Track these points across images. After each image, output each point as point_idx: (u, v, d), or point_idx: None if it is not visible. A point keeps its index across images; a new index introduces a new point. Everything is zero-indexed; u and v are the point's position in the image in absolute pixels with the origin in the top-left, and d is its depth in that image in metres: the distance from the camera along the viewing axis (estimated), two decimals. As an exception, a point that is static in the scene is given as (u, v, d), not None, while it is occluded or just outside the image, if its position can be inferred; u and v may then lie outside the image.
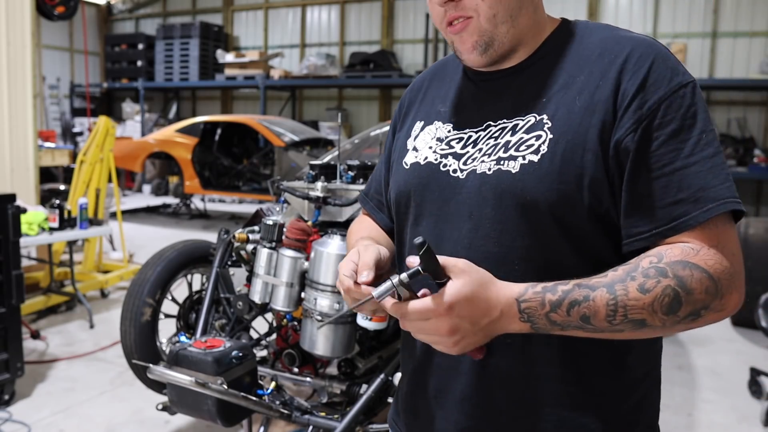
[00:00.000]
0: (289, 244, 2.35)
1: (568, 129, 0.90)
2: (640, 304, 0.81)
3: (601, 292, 0.82)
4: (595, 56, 0.94)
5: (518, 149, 0.93)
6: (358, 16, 12.79)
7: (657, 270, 0.82)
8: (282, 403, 2.21)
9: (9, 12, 4.78)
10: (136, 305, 2.89)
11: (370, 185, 1.26)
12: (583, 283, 0.84)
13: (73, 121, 13.09)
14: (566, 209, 0.89)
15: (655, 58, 0.90)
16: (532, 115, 0.94)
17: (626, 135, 0.87)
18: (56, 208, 4.28)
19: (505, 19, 0.93)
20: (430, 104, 1.10)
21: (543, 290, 0.83)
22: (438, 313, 0.80)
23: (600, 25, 1.01)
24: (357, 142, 4.55)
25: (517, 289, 0.84)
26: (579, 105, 0.91)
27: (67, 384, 3.51)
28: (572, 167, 0.89)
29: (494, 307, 0.83)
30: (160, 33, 12.89)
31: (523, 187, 0.90)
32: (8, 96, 4.78)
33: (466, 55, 0.97)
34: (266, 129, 8.81)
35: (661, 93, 0.88)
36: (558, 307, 0.83)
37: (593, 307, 0.82)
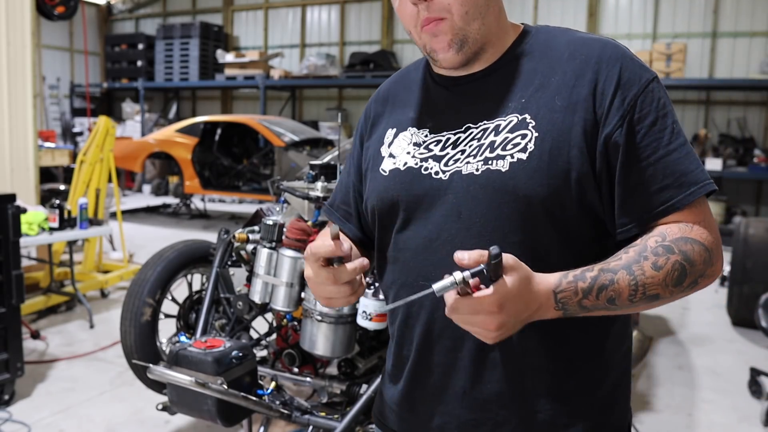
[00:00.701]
0: (289, 244, 2.35)
1: (553, 127, 0.95)
2: (655, 281, 0.90)
3: (622, 274, 0.89)
4: (566, 58, 0.99)
5: (505, 148, 0.97)
6: (358, 16, 12.79)
7: (664, 248, 0.91)
8: (282, 403, 2.21)
9: (9, 12, 4.78)
10: (136, 305, 2.89)
11: (335, 196, 1.27)
12: (605, 268, 0.90)
13: (73, 121, 13.09)
14: (556, 203, 0.95)
15: (623, 57, 0.97)
16: (514, 115, 0.98)
17: (615, 130, 0.94)
18: (56, 208, 4.28)
19: (476, 16, 0.97)
20: (400, 112, 1.12)
21: (575, 279, 0.89)
22: (489, 311, 0.84)
23: (559, 28, 1.07)
24: (357, 142, 4.55)
25: (553, 280, 0.89)
26: (559, 104, 0.96)
27: (67, 384, 3.51)
28: (560, 163, 0.94)
29: (535, 300, 0.87)
30: (160, 33, 12.90)
31: (515, 184, 0.95)
32: (8, 96, 4.78)
33: (441, 55, 1.00)
34: (266, 129, 8.81)
35: (635, 89, 0.95)
36: (589, 293, 0.89)
37: (618, 289, 0.89)
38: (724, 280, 5.84)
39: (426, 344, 1.04)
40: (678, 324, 4.89)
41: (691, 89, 10.03)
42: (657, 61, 9.22)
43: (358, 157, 1.20)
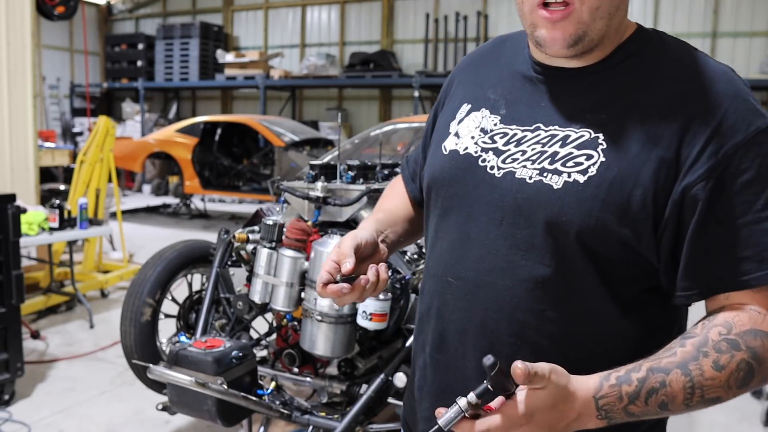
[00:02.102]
0: (289, 244, 2.35)
1: (623, 156, 0.84)
2: (716, 383, 0.78)
3: (676, 375, 0.78)
4: (669, 79, 0.87)
5: (565, 164, 0.87)
6: (358, 16, 12.79)
7: (729, 343, 0.79)
8: (282, 403, 2.21)
9: (9, 12, 4.78)
10: (136, 305, 2.89)
11: (412, 154, 1.24)
12: (655, 367, 0.79)
13: (73, 121, 13.09)
14: (598, 239, 0.85)
15: (735, 96, 0.84)
16: (587, 130, 0.88)
17: (698, 182, 0.81)
18: (56, 208, 4.27)
19: (603, 15, 0.86)
20: (480, 87, 1.03)
21: (618, 381, 0.78)
22: (516, 425, 0.74)
23: (677, 41, 0.93)
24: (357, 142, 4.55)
25: (593, 384, 0.78)
26: (640, 133, 0.85)
27: (67, 384, 3.51)
28: (618, 198, 0.84)
29: (572, 410, 0.77)
30: (160, 33, 12.89)
31: (561, 206, 0.86)
32: (8, 96, 4.77)
33: (550, 44, 0.88)
34: (266, 129, 8.81)
35: (738, 138, 0.81)
36: (636, 399, 0.78)
37: (671, 393, 0.78)
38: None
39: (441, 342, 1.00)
40: (678, 324, 4.89)
41: (691, 89, 10.02)
42: (657, 61, 9.22)
43: (431, 123, 1.14)
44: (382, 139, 4.36)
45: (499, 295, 0.91)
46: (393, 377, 2.27)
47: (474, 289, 0.94)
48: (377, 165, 2.83)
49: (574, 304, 0.88)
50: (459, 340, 0.96)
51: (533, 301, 0.89)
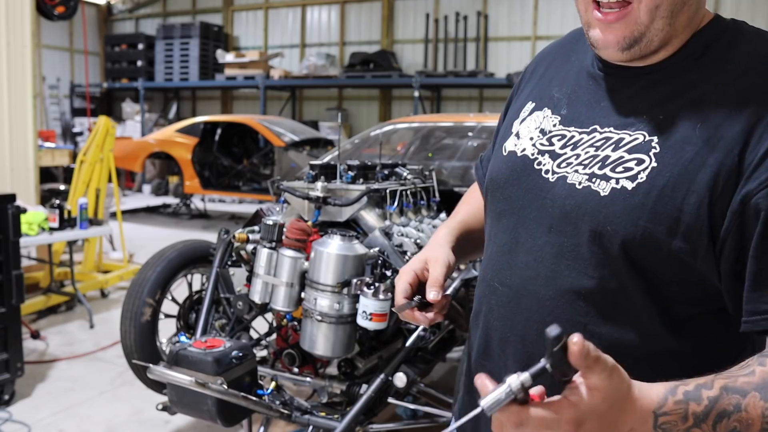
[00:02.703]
0: (289, 244, 2.35)
1: (677, 161, 0.77)
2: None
3: (753, 398, 0.67)
4: (739, 73, 0.79)
5: (614, 169, 0.81)
6: (358, 16, 12.79)
7: None
8: (282, 403, 2.21)
9: (9, 12, 4.78)
10: (136, 305, 2.89)
11: (486, 153, 1.19)
12: (729, 386, 0.68)
13: (73, 121, 13.09)
14: (646, 252, 0.78)
15: None
16: (642, 132, 0.81)
17: (759, 190, 0.73)
18: (56, 208, 4.28)
19: (664, 14, 0.80)
20: (547, 84, 0.99)
21: (685, 398, 0.68)
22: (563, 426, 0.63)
23: (758, 31, 0.83)
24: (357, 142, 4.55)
25: (656, 397, 0.68)
26: (699, 134, 0.77)
27: (67, 384, 3.51)
28: (669, 207, 0.76)
29: (625, 423, 0.66)
30: (160, 33, 12.90)
31: (607, 214, 0.80)
32: (8, 96, 4.78)
33: (602, 46, 0.84)
34: (266, 129, 8.82)
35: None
36: (703, 421, 0.67)
37: (746, 420, 0.67)
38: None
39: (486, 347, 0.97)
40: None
41: (691, 89, 10.02)
42: (657, 61, 9.22)
43: (503, 116, 1.09)
44: (382, 139, 4.36)
45: (541, 304, 0.87)
46: (393, 377, 2.27)
47: (517, 296, 0.90)
48: (377, 165, 2.83)
49: (618, 320, 0.82)
50: (501, 349, 0.93)
51: (575, 313, 0.84)
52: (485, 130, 4.24)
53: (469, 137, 4.28)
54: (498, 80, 10.48)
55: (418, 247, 2.53)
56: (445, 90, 11.92)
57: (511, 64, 11.15)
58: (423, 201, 2.87)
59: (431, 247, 1.05)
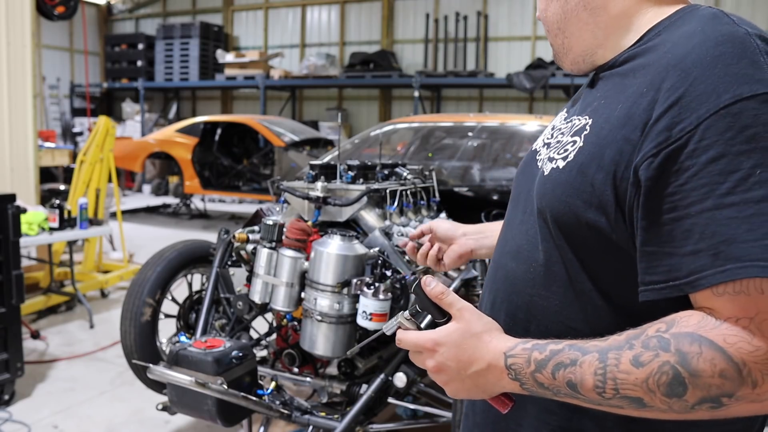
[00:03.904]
0: (289, 244, 2.35)
1: (596, 140, 0.81)
2: (631, 379, 0.70)
3: (591, 357, 0.73)
4: (660, 54, 0.79)
5: (559, 152, 0.88)
6: (358, 16, 12.79)
7: (659, 341, 0.70)
8: (282, 403, 2.21)
9: (9, 12, 4.78)
10: (136, 305, 2.89)
11: None
12: (576, 345, 0.75)
13: (73, 121, 13.09)
14: (570, 224, 0.83)
15: (715, 61, 0.71)
16: (585, 116, 0.87)
17: (644, 160, 0.73)
18: (56, 208, 4.28)
19: (556, 32, 0.97)
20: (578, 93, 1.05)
21: (532, 347, 0.78)
22: (426, 348, 0.84)
23: (708, 13, 0.80)
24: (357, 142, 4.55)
25: (509, 343, 0.81)
26: (617, 114, 0.80)
27: (67, 384, 3.51)
28: (583, 183, 0.80)
29: (481, 358, 0.81)
30: (160, 33, 12.90)
31: (543, 191, 0.88)
32: (8, 96, 4.78)
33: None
34: (266, 129, 8.82)
35: (703, 110, 0.70)
36: (543, 368, 0.76)
37: (579, 374, 0.73)
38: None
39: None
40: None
41: (691, 89, 10.02)
42: (657, 61, 9.22)
43: None
44: (382, 139, 4.36)
45: (507, 276, 0.97)
46: (393, 377, 2.27)
47: (495, 270, 1.01)
48: (377, 165, 2.83)
49: (558, 292, 0.87)
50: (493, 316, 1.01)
51: (526, 285, 0.92)
52: (485, 130, 4.24)
53: (469, 137, 4.28)
54: (498, 80, 10.48)
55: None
56: (445, 90, 11.92)
57: (511, 64, 11.15)
58: (423, 201, 2.87)
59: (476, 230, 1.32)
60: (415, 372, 2.27)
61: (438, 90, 11.73)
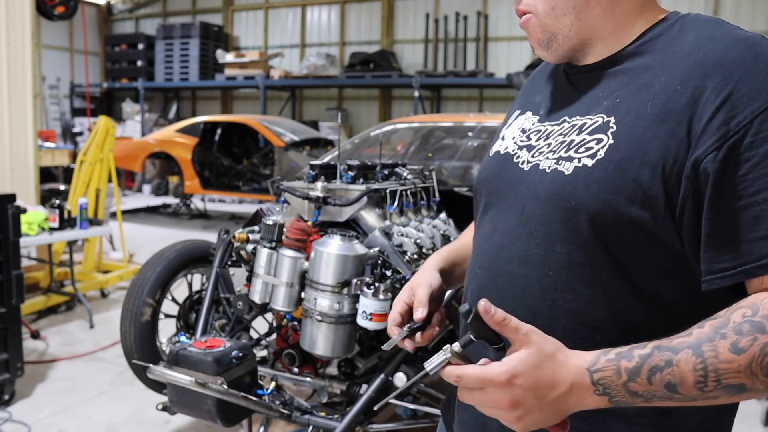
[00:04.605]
0: (289, 244, 2.35)
1: (632, 136, 0.82)
2: (734, 367, 0.71)
3: (686, 354, 0.72)
4: (683, 54, 0.83)
5: (577, 150, 0.88)
6: (358, 16, 12.79)
7: (752, 325, 0.72)
8: (282, 403, 2.21)
9: (9, 12, 4.78)
10: (136, 305, 2.89)
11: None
12: (663, 345, 0.74)
13: (73, 121, 13.09)
14: (609, 222, 0.83)
15: (754, 61, 0.78)
16: (601, 115, 0.88)
17: (707, 154, 0.77)
18: (56, 208, 4.28)
19: (566, 11, 0.90)
20: (531, 93, 1.08)
21: (617, 357, 0.74)
22: (497, 383, 0.72)
23: (710, 19, 0.88)
24: (357, 142, 4.55)
25: (589, 357, 0.75)
26: (650, 111, 0.82)
27: (67, 384, 3.51)
28: (626, 180, 0.81)
29: (562, 380, 0.74)
30: (160, 33, 12.90)
31: (571, 191, 0.85)
32: (8, 96, 4.78)
33: (535, 50, 0.96)
34: (266, 129, 8.81)
35: (755, 105, 0.76)
36: (637, 376, 0.73)
37: (678, 373, 0.72)
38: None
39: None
40: (678, 324, 4.89)
41: (691, 89, 10.02)
42: (657, 61, 9.21)
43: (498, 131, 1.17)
44: (382, 139, 4.36)
45: (515, 283, 0.92)
46: (393, 377, 2.27)
47: (493, 278, 0.96)
48: (377, 165, 2.83)
49: (586, 295, 0.86)
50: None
51: (545, 289, 0.89)
52: (485, 130, 4.24)
53: (469, 137, 4.28)
54: (498, 80, 10.48)
55: (418, 247, 2.53)
56: (445, 90, 11.92)
57: (511, 64, 11.15)
58: (423, 201, 2.87)
59: (418, 273, 1.11)
60: (415, 372, 2.26)
61: (438, 90, 11.73)
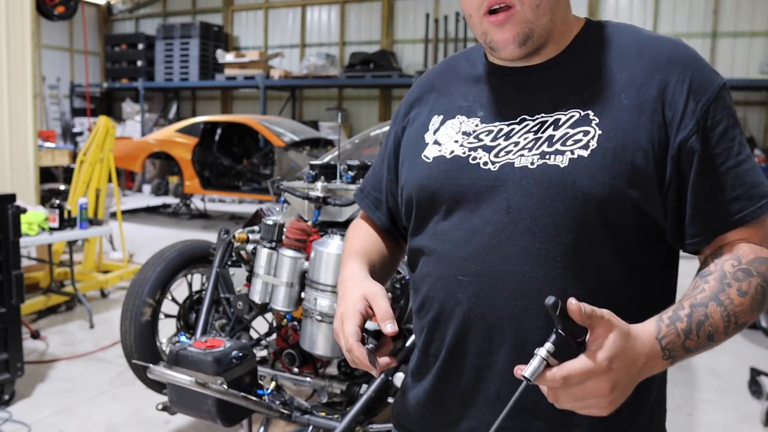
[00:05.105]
0: (289, 244, 2.35)
1: (618, 126, 0.91)
2: (744, 308, 0.85)
3: (713, 306, 0.84)
4: (633, 54, 0.95)
5: (565, 144, 0.92)
6: (358, 16, 12.79)
7: (743, 272, 0.87)
8: (282, 403, 2.21)
9: (9, 12, 4.78)
10: (136, 305, 2.89)
11: (367, 182, 1.24)
12: (695, 303, 0.84)
13: (73, 121, 13.09)
14: (615, 206, 0.90)
15: (695, 60, 0.94)
16: (575, 110, 0.94)
17: (690, 135, 0.90)
18: (56, 208, 4.28)
19: (546, 11, 0.93)
20: (447, 100, 1.07)
21: (671, 321, 0.83)
22: (600, 371, 0.73)
23: (625, 24, 1.01)
24: (357, 142, 4.55)
25: (651, 327, 0.82)
26: (626, 103, 0.92)
27: (67, 384, 3.51)
28: (624, 164, 0.89)
29: (641, 353, 0.78)
30: (160, 33, 12.90)
31: (574, 181, 0.90)
32: (8, 96, 4.78)
33: (501, 46, 0.95)
34: (266, 129, 8.81)
35: (708, 94, 0.91)
36: (690, 333, 0.82)
37: (714, 324, 0.84)
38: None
39: (460, 344, 0.98)
40: (678, 324, 4.89)
41: (691, 89, 10.03)
42: (657, 61, 9.21)
43: (395, 143, 1.15)
44: (382, 139, 4.36)
45: (519, 281, 0.92)
46: (393, 377, 2.26)
47: (491, 281, 0.94)
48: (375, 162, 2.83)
49: (590, 276, 0.91)
50: (482, 338, 0.95)
51: (555, 280, 0.90)
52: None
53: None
54: (498, 80, 10.47)
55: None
56: (445, 90, 11.90)
57: (511, 64, 11.14)
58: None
59: (357, 282, 1.03)
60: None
61: (438, 90, 11.71)
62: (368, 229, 1.21)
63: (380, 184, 1.19)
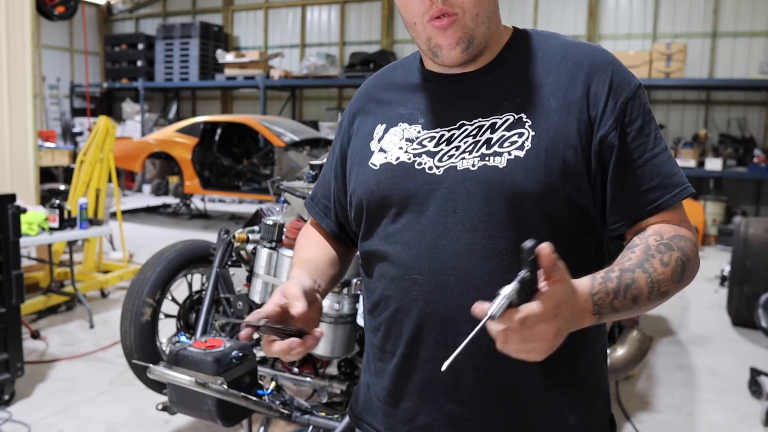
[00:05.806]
0: (289, 244, 2.35)
1: (549, 127, 0.98)
2: (665, 277, 0.93)
3: (639, 273, 0.91)
4: (558, 60, 1.03)
5: (502, 146, 0.99)
6: (358, 16, 12.79)
7: (665, 245, 0.95)
8: (282, 403, 2.21)
9: (9, 12, 4.78)
10: (136, 305, 2.90)
11: (316, 191, 1.28)
12: (624, 267, 0.92)
13: (73, 121, 13.09)
14: (550, 200, 0.97)
15: (613, 63, 1.03)
16: (510, 114, 1.01)
17: (610, 132, 0.98)
18: (56, 208, 4.28)
19: (484, 20, 0.99)
20: (388, 108, 1.12)
21: (603, 280, 0.89)
22: (551, 316, 0.77)
23: (549, 32, 1.10)
24: (357, 142, 4.55)
25: (586, 283, 0.88)
26: (554, 105, 1.00)
27: (67, 384, 3.51)
28: (556, 162, 0.97)
29: (578, 305, 0.84)
30: (160, 33, 12.89)
31: (513, 180, 0.96)
32: (8, 96, 4.78)
33: (446, 51, 1.00)
34: (266, 129, 8.81)
35: (626, 94, 1.00)
36: (618, 293, 0.89)
37: (639, 288, 0.91)
38: (724, 280, 5.84)
39: (417, 338, 1.03)
40: (678, 324, 4.89)
41: (691, 89, 10.03)
42: (657, 61, 9.22)
43: (342, 152, 1.20)
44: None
45: (470, 275, 0.98)
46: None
47: (444, 278, 0.99)
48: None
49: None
50: (439, 331, 1.01)
51: (503, 272, 0.96)
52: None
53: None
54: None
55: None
56: (445, 90, 11.90)
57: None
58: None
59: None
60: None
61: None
62: (317, 236, 1.26)
63: (329, 192, 1.24)
